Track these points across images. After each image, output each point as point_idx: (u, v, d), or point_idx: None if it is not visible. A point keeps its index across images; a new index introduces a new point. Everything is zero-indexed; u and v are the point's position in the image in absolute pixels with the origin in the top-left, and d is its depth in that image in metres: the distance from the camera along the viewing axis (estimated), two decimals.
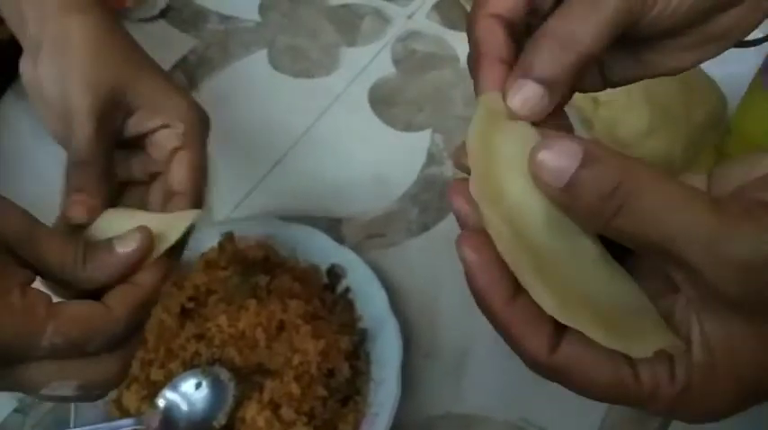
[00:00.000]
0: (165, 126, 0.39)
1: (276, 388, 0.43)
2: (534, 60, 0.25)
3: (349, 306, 0.50)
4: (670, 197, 0.21)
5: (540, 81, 0.25)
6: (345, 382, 0.45)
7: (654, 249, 0.22)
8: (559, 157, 0.22)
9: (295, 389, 0.43)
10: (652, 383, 0.23)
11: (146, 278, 0.33)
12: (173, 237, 0.34)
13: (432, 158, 0.61)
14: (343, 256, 0.52)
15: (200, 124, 0.40)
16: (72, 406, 0.46)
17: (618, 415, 0.49)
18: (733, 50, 0.33)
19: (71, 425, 0.46)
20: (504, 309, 0.23)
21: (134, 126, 0.39)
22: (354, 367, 0.46)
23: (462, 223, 0.26)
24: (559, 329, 0.23)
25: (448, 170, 0.60)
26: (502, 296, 0.23)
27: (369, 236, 0.57)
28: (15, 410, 0.50)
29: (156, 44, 0.44)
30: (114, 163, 0.38)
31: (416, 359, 0.51)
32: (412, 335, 0.51)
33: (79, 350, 0.30)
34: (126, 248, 0.33)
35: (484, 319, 0.55)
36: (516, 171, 0.24)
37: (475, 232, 0.24)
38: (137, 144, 0.39)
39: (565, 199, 0.22)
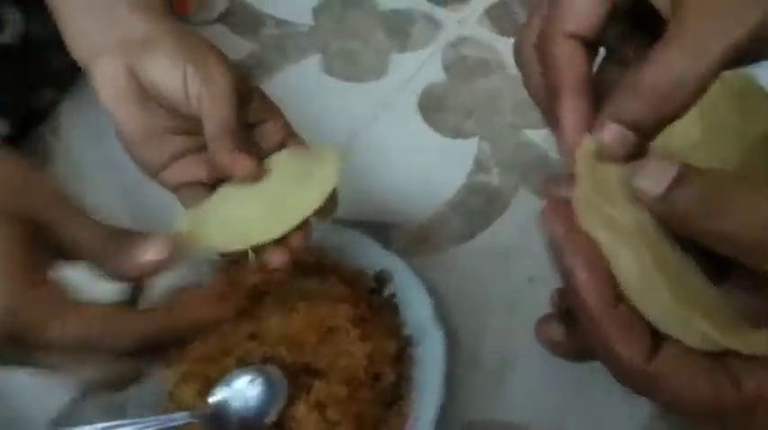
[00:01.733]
0: (265, 121, 0.43)
1: (323, 389, 0.44)
2: (631, 109, 0.24)
3: (394, 311, 0.51)
4: (763, 193, 0.22)
5: (634, 128, 0.25)
6: (391, 386, 0.46)
7: (750, 249, 0.22)
8: (659, 169, 0.23)
9: (342, 391, 0.44)
10: (754, 390, 0.22)
11: (193, 310, 0.33)
12: (303, 213, 0.39)
13: (479, 165, 0.62)
14: (390, 262, 0.53)
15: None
16: (130, 396, 0.49)
17: (658, 426, 0.49)
18: None
19: (127, 415, 0.48)
20: (604, 311, 0.23)
21: (247, 115, 0.42)
22: (399, 372, 0.48)
23: (555, 245, 0.25)
24: (657, 340, 0.23)
25: (495, 178, 0.61)
26: (604, 298, 0.23)
27: (414, 241, 0.58)
28: (73, 399, 0.53)
29: None
30: None
31: (459, 365, 0.52)
32: (455, 342, 0.52)
33: (88, 348, 0.31)
34: (157, 254, 0.33)
35: (527, 329, 0.56)
36: (621, 194, 0.25)
37: (580, 235, 0.24)
38: None
39: (663, 206, 0.23)
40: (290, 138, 0.44)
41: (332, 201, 0.42)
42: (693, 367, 0.23)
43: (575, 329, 0.51)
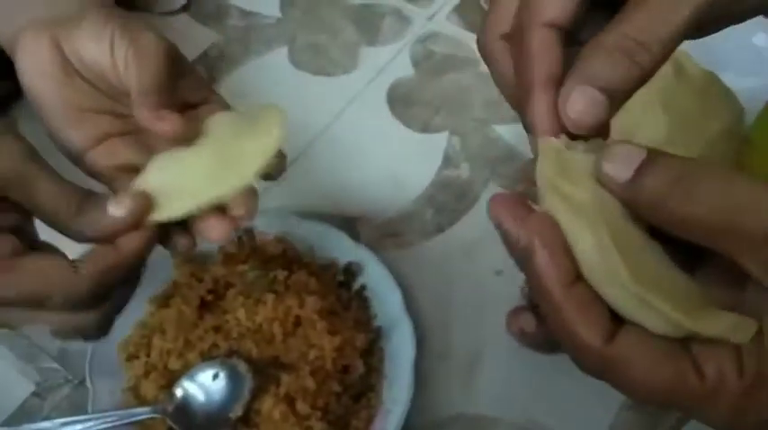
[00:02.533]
0: (205, 101, 0.41)
1: (292, 382, 0.43)
2: (598, 70, 0.24)
3: (364, 303, 0.51)
4: (731, 177, 0.22)
5: (603, 90, 0.24)
6: (359, 379, 0.46)
7: (721, 233, 0.22)
8: (628, 153, 0.23)
9: (310, 383, 0.43)
10: (716, 377, 0.22)
11: (126, 243, 0.33)
12: (249, 169, 0.35)
13: (448, 160, 0.62)
14: (359, 255, 0.52)
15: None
16: (90, 392, 0.47)
17: (628, 417, 0.49)
18: (752, 61, 0.33)
19: (88, 411, 0.46)
20: (562, 291, 0.23)
21: (182, 94, 0.40)
22: (368, 364, 0.47)
23: (507, 234, 0.26)
24: (616, 323, 0.23)
25: (464, 172, 0.61)
26: (562, 278, 0.23)
27: (384, 236, 0.58)
28: (33, 394, 0.51)
29: (178, 38, 0.44)
30: None
31: (429, 359, 0.51)
32: (424, 335, 0.52)
33: (36, 304, 0.30)
34: (118, 212, 0.32)
35: (496, 322, 0.56)
36: (585, 180, 0.24)
37: (539, 216, 0.24)
38: None
39: (632, 191, 0.23)
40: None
41: (279, 159, 0.39)
42: (654, 352, 0.22)
43: (545, 320, 0.51)
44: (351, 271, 0.52)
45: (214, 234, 0.36)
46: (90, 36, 0.37)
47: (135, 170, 0.38)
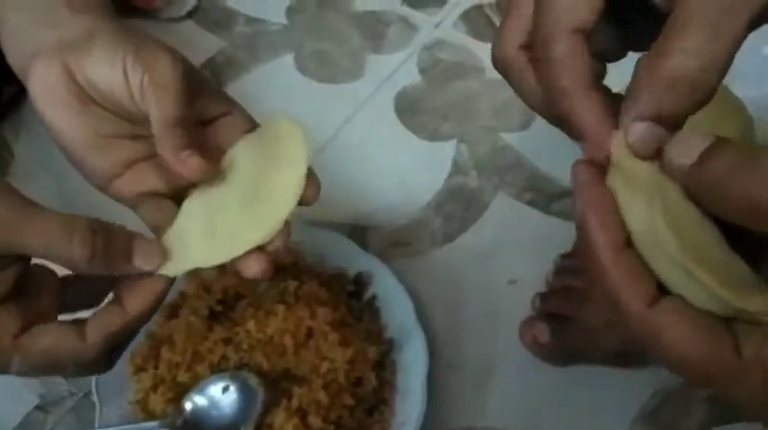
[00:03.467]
0: (225, 114, 0.39)
1: (304, 395, 0.43)
2: (659, 102, 0.24)
3: (375, 314, 0.50)
4: None
5: (665, 121, 0.24)
6: (372, 392, 0.45)
7: None
8: (693, 139, 0.23)
9: (323, 397, 0.43)
10: (754, 356, 0.22)
11: (133, 305, 0.33)
12: (283, 209, 0.35)
13: (457, 168, 0.61)
14: (370, 264, 0.52)
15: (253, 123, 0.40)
16: (96, 406, 0.46)
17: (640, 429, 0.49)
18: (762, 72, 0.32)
19: (95, 425, 0.46)
20: (611, 254, 0.23)
21: (200, 110, 0.38)
22: (380, 377, 0.46)
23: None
24: (661, 291, 0.23)
25: (473, 180, 0.60)
26: (611, 243, 0.23)
27: (393, 244, 0.57)
28: (37, 407, 0.50)
29: (184, 44, 0.44)
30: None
31: (440, 370, 0.51)
32: (435, 346, 0.51)
33: (50, 372, 0.32)
34: (146, 267, 0.33)
35: (509, 333, 0.55)
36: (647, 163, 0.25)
37: (596, 187, 0.25)
38: None
39: (694, 175, 0.23)
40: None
41: (313, 188, 0.37)
42: (694, 322, 0.23)
43: (559, 331, 0.50)
44: (361, 280, 0.51)
45: (253, 271, 0.35)
46: (102, 62, 0.36)
47: (161, 195, 0.38)
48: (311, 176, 0.37)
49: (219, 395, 0.44)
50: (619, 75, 0.30)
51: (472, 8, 0.71)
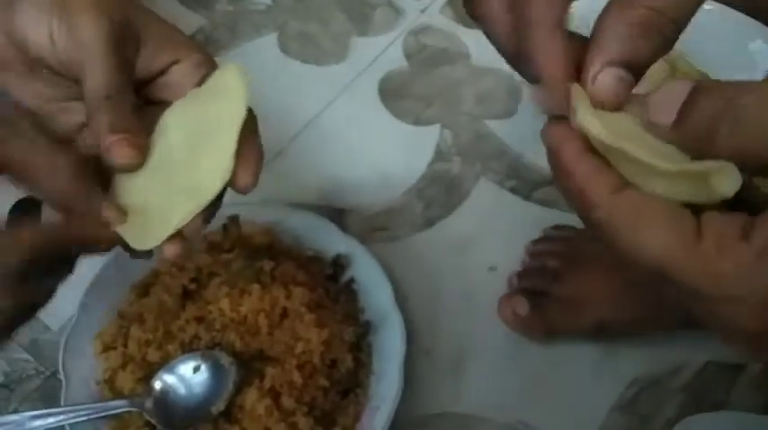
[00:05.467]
0: (176, 62, 0.33)
1: (277, 376, 0.42)
2: (623, 47, 0.24)
3: (352, 297, 0.49)
4: None
5: (629, 67, 0.24)
6: (347, 374, 0.44)
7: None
8: (668, 96, 0.23)
9: (297, 377, 0.42)
10: (714, 242, 0.21)
11: (84, 226, 0.31)
12: (207, 195, 0.31)
13: (439, 154, 0.60)
14: (349, 247, 0.51)
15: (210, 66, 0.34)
16: (62, 384, 0.45)
17: (618, 418, 0.48)
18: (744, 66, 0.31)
19: (61, 403, 0.44)
20: (574, 156, 0.24)
21: (143, 64, 0.33)
22: (356, 359, 0.45)
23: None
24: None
25: (455, 166, 0.60)
26: (575, 147, 0.24)
27: (372, 229, 0.57)
28: (1, 385, 0.49)
29: None
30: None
31: (416, 355, 0.50)
32: (412, 331, 0.50)
33: None
34: (111, 219, 0.31)
35: (487, 319, 0.55)
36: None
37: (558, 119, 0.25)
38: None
39: (679, 132, 0.22)
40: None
41: (247, 159, 0.32)
42: (656, 205, 0.23)
43: (537, 305, 0.50)
44: (339, 263, 0.50)
45: (167, 254, 0.32)
46: (31, 25, 0.32)
47: None
48: (248, 154, 0.31)
49: (190, 374, 0.43)
50: None
51: None
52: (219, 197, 0.32)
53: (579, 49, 0.25)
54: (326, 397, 0.43)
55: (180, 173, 0.32)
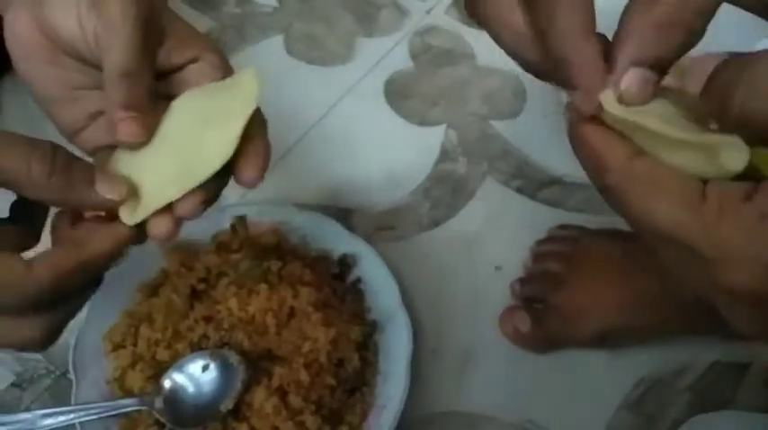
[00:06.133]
0: (194, 60, 0.34)
1: (285, 374, 0.42)
2: (648, 47, 0.24)
3: (359, 296, 0.49)
4: None
5: (655, 67, 0.24)
6: (354, 373, 0.45)
7: None
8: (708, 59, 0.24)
9: (304, 376, 0.42)
10: (719, 199, 0.22)
11: (92, 243, 0.30)
12: (206, 172, 0.30)
13: (445, 154, 0.61)
14: (355, 246, 0.51)
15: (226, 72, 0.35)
16: (73, 383, 0.45)
17: (625, 417, 0.48)
18: None
19: (71, 402, 0.45)
20: (593, 126, 0.25)
21: (164, 57, 0.34)
22: (363, 358, 0.46)
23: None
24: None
25: (461, 167, 0.60)
26: (595, 120, 0.25)
27: (378, 228, 0.57)
28: (13, 384, 0.49)
29: None
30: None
31: (422, 354, 0.50)
32: (418, 330, 0.51)
33: None
34: (109, 195, 0.30)
35: (492, 318, 0.55)
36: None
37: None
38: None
39: (702, 95, 0.22)
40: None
41: (254, 153, 0.32)
42: (669, 172, 0.23)
43: (538, 319, 0.50)
44: (346, 263, 0.51)
45: (155, 231, 0.32)
46: (59, 9, 0.33)
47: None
48: (254, 148, 0.31)
49: (199, 373, 0.43)
50: None
51: None
52: (220, 184, 0.32)
53: (603, 49, 0.25)
54: (333, 395, 0.43)
55: (181, 152, 0.32)
